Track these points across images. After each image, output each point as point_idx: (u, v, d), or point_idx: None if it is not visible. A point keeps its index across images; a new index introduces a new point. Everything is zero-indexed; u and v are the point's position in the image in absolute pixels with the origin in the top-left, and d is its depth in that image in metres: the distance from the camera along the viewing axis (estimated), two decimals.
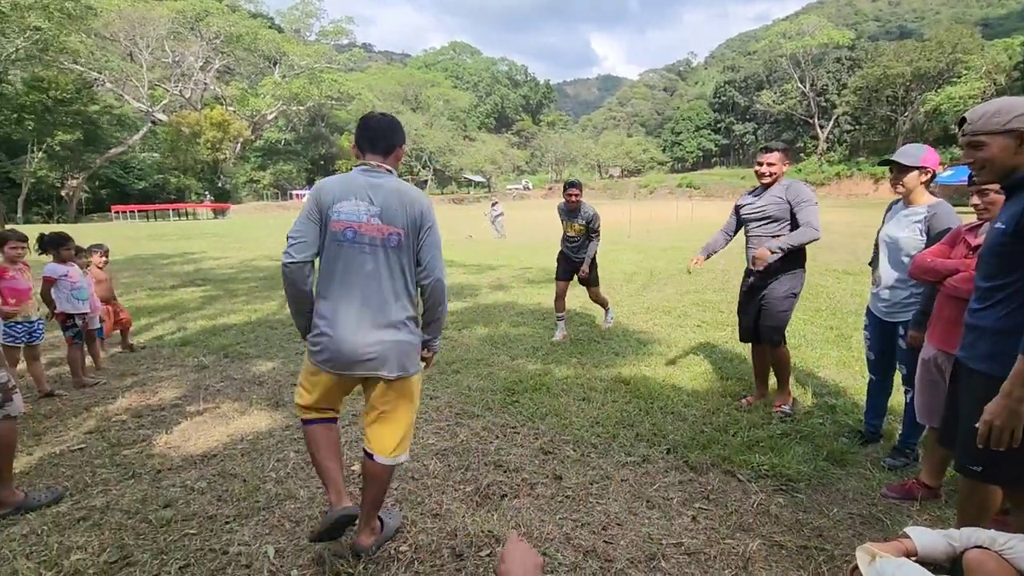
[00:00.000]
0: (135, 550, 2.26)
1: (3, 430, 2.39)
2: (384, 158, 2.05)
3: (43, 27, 34.91)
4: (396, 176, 2.07)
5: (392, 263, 1.99)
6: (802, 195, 3.37)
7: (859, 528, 2.41)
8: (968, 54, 47.40)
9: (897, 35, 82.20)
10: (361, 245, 1.95)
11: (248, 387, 4.24)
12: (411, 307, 2.06)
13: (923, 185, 2.79)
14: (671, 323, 6.16)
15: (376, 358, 1.98)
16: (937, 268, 2.38)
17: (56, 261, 4.25)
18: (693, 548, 2.26)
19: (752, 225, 3.57)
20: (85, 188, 44.30)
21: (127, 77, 49.26)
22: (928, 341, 2.48)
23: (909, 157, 2.78)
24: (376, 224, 1.95)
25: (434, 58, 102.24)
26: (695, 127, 76.89)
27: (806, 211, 3.33)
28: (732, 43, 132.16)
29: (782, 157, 3.46)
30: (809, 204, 3.34)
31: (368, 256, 1.95)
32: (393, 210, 1.96)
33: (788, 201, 3.37)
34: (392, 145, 2.07)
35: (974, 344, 1.79)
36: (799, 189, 3.41)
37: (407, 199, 1.99)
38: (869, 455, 3.05)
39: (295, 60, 58.66)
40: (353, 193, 1.96)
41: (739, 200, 3.75)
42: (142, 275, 10.73)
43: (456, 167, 70.98)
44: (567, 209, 5.34)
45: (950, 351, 2.26)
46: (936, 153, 2.83)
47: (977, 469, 1.76)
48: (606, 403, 3.79)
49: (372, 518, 2.19)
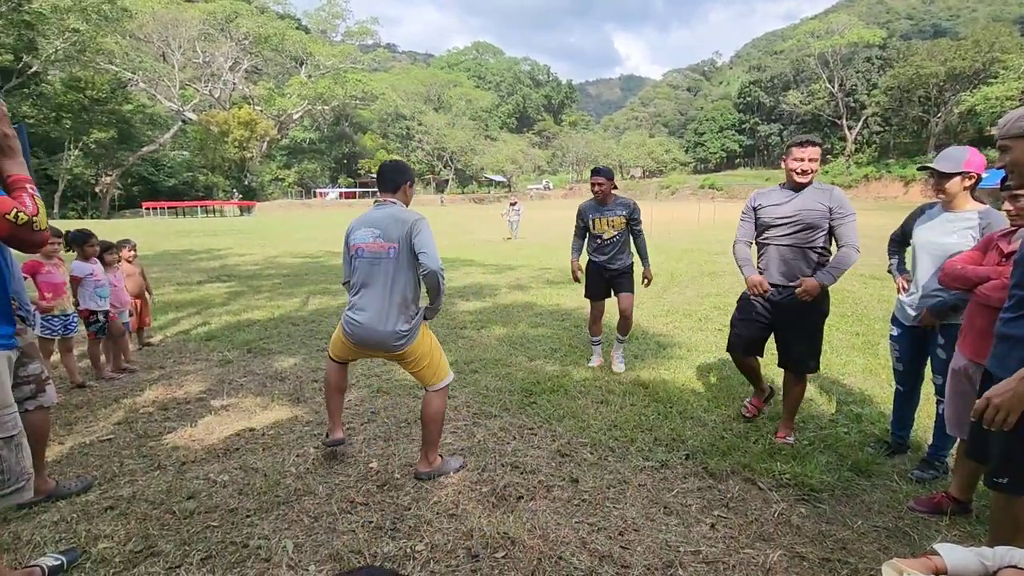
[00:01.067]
0: (159, 540, 2.31)
1: (37, 419, 2.47)
2: (392, 194, 2.73)
3: (81, 29, 36.06)
4: (401, 205, 2.72)
5: (392, 269, 2.60)
6: (846, 206, 2.93)
7: (884, 542, 2.34)
8: (1006, 53, 45.77)
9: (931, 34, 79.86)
10: (368, 259, 2.63)
11: (270, 382, 4.32)
12: (409, 300, 2.65)
13: (967, 190, 2.67)
14: (692, 326, 6.09)
15: (381, 341, 2.65)
16: (968, 275, 2.29)
17: (80, 258, 4.37)
18: (712, 557, 2.22)
19: (777, 232, 3.04)
20: (118, 185, 45.54)
21: (159, 77, 50.57)
22: (959, 351, 2.39)
23: (950, 162, 2.64)
24: (380, 243, 2.61)
25: (457, 58, 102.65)
26: (719, 128, 75.79)
27: (849, 226, 2.92)
28: (758, 42, 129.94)
29: (819, 153, 3.01)
30: (852, 218, 2.94)
31: (374, 267, 2.62)
32: (390, 230, 2.59)
33: (830, 209, 2.92)
34: (397, 184, 2.74)
35: (1006, 355, 1.73)
36: (842, 197, 2.97)
37: (399, 219, 2.61)
38: (896, 466, 2.97)
39: (321, 60, 59.52)
40: (364, 224, 2.68)
41: (756, 199, 3.18)
42: (170, 270, 11.00)
43: (477, 167, 71.20)
44: (594, 204, 4.42)
45: (981, 362, 2.18)
46: (979, 155, 2.65)
47: (1003, 481, 1.70)
48: (624, 406, 3.76)
49: (428, 451, 2.80)
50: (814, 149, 2.95)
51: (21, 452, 1.89)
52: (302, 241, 17.70)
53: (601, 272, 4.46)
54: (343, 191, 60.14)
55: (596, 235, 4.41)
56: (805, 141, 2.97)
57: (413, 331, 2.68)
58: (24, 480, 1.89)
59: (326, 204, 51.81)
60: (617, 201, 4.37)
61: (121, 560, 2.19)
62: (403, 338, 2.65)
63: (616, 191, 4.42)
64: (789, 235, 3.00)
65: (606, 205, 4.36)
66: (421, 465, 2.83)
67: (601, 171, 4.35)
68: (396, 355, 2.71)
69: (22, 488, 1.90)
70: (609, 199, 4.36)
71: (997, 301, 2.09)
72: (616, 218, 4.33)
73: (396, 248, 2.58)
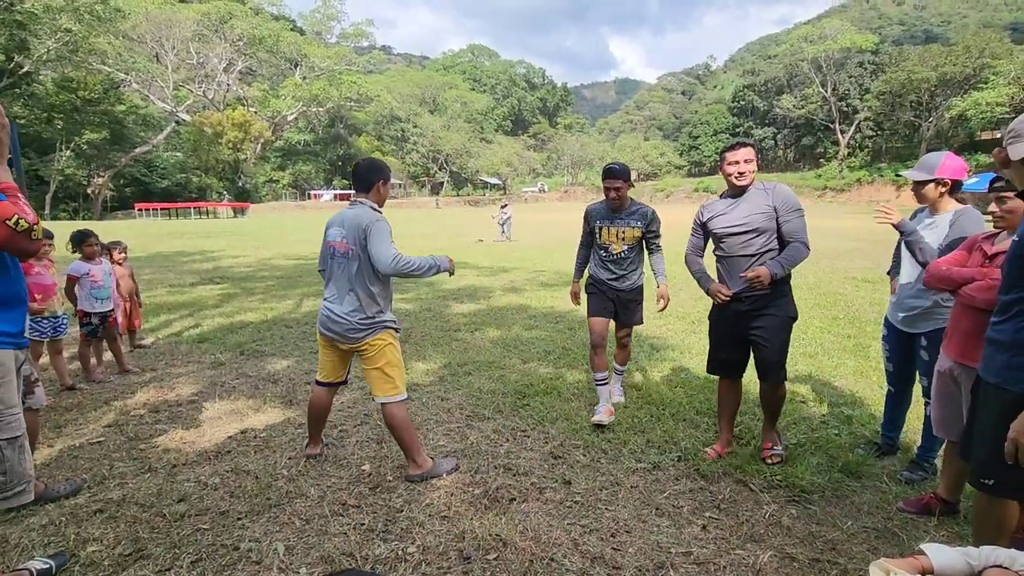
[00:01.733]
0: (149, 543, 2.30)
1: (26, 421, 2.44)
2: (366, 193, 2.78)
3: (73, 29, 35.91)
4: (370, 204, 2.75)
5: (354, 269, 2.70)
6: (790, 201, 2.82)
7: (874, 542, 2.36)
8: (996, 59, 46.23)
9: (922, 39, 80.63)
10: (336, 257, 2.76)
11: (263, 385, 4.30)
12: (371, 298, 2.72)
13: (943, 195, 2.72)
14: (685, 329, 6.11)
15: (343, 332, 2.75)
16: (952, 276, 2.31)
17: (81, 258, 4.37)
18: (703, 558, 2.23)
19: (729, 242, 2.90)
20: (110, 186, 45.27)
21: (153, 78, 50.40)
22: (944, 352, 2.41)
23: (923, 170, 2.72)
24: (344, 243, 2.71)
25: (452, 60, 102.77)
26: (713, 131, 76.11)
27: (795, 222, 2.80)
28: (752, 47, 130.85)
29: (753, 153, 2.87)
30: (799, 214, 2.82)
31: (340, 264, 2.75)
32: (351, 232, 2.68)
33: (775, 208, 2.80)
34: (371, 182, 2.78)
35: (992, 357, 1.75)
36: (786, 193, 2.84)
37: (359, 222, 2.67)
38: (885, 468, 2.99)
39: (316, 62, 59.48)
40: (337, 223, 2.79)
41: (703, 213, 3.04)
42: (162, 272, 10.94)
43: (472, 169, 71.20)
44: (604, 208, 3.62)
45: (967, 363, 2.22)
46: (957, 159, 2.71)
47: (989, 482, 1.72)
48: (617, 409, 3.77)
49: (413, 456, 2.84)
50: (747, 150, 2.84)
51: (24, 454, 1.88)
52: (296, 243, 17.64)
53: (606, 289, 3.66)
54: (338, 193, 59.94)
55: (602, 246, 3.63)
56: (736, 144, 2.88)
57: (374, 327, 2.75)
58: (25, 483, 1.88)
59: (320, 206, 51.64)
60: (633, 208, 3.60)
61: (110, 563, 2.17)
62: (362, 331, 2.72)
63: (631, 192, 3.64)
64: (741, 243, 2.86)
65: (619, 213, 3.59)
66: (411, 469, 2.85)
67: (616, 171, 3.50)
68: (357, 347, 2.78)
69: (23, 491, 1.88)
70: (625, 204, 3.59)
71: (982, 303, 2.11)
72: (629, 229, 3.55)
73: (354, 250, 2.68)
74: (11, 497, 1.85)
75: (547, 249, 15.21)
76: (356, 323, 2.73)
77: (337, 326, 2.76)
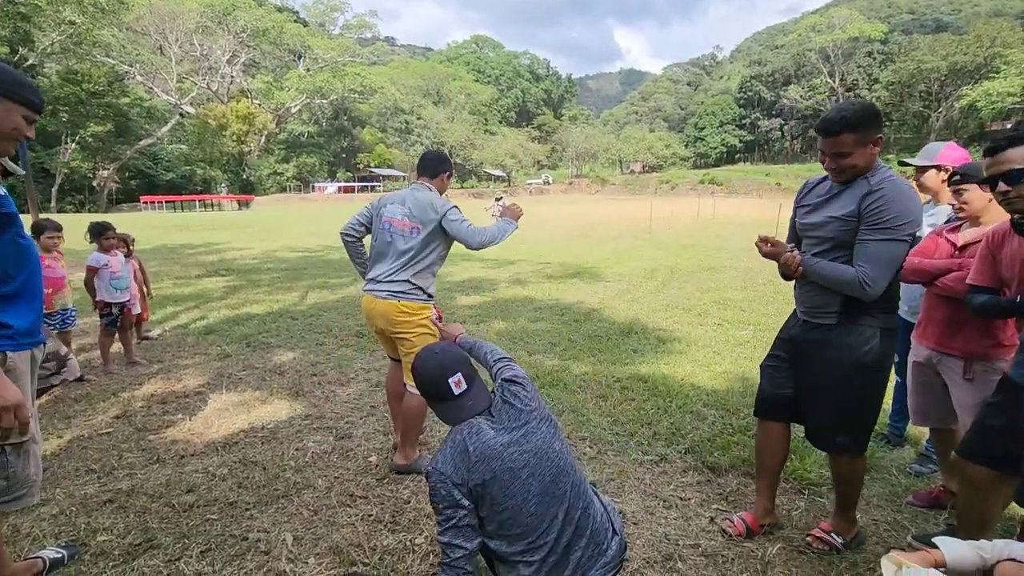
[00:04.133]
0: (158, 533, 2.31)
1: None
2: (431, 179, 2.89)
3: (77, 21, 35.83)
4: (435, 191, 2.85)
5: (407, 246, 2.72)
6: (887, 215, 1.86)
7: (883, 535, 2.35)
8: (1007, 48, 45.61)
9: (932, 28, 79.43)
10: (390, 231, 2.78)
11: (269, 376, 4.31)
12: (415, 274, 2.73)
13: (944, 184, 2.69)
14: (691, 321, 6.09)
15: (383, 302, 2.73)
16: (926, 268, 2.32)
17: (99, 250, 4.41)
18: (711, 550, 2.23)
19: (806, 243, 2.14)
20: (115, 178, 45.44)
21: (157, 70, 50.36)
22: (919, 342, 2.45)
23: (925, 156, 2.71)
24: (406, 221, 2.75)
25: (456, 52, 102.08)
26: (719, 122, 75.54)
27: (873, 246, 1.89)
28: (759, 37, 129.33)
29: (866, 139, 1.90)
30: (887, 235, 1.87)
31: (393, 240, 2.77)
32: (421, 213, 2.73)
33: (859, 217, 1.92)
34: (436, 172, 2.90)
35: None
36: (888, 203, 1.86)
37: (432, 205, 2.74)
38: (895, 460, 2.98)
39: (319, 54, 59.26)
40: (397, 201, 2.83)
41: (799, 195, 2.24)
42: (168, 264, 10.97)
43: (477, 161, 70.99)
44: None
45: (946, 350, 2.29)
46: (959, 149, 2.69)
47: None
48: (624, 401, 3.76)
49: (404, 445, 2.86)
50: (847, 136, 1.89)
51: (28, 459, 1.85)
52: (301, 235, 17.66)
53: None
54: (342, 185, 59.96)
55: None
56: (826, 128, 1.94)
57: (411, 296, 2.75)
58: (28, 487, 1.87)
59: (325, 198, 51.64)
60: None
61: (120, 553, 2.19)
62: (397, 296, 2.73)
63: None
64: (814, 250, 2.09)
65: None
66: (397, 457, 2.89)
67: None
68: (392, 317, 2.72)
69: (24, 495, 1.88)
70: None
71: (961, 292, 2.15)
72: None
73: (419, 229, 2.72)
74: (11, 502, 1.85)
75: (552, 241, 15.17)
76: (396, 291, 2.78)
77: (377, 291, 2.80)
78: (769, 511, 2.33)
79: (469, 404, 1.74)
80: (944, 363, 2.31)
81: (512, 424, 1.70)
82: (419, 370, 1.81)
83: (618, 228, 19.12)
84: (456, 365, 1.77)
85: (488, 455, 1.63)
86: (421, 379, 1.80)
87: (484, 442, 1.65)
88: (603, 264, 10.48)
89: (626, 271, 9.65)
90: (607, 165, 78.98)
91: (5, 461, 1.79)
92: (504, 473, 1.63)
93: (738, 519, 2.32)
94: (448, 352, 1.82)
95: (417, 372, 1.82)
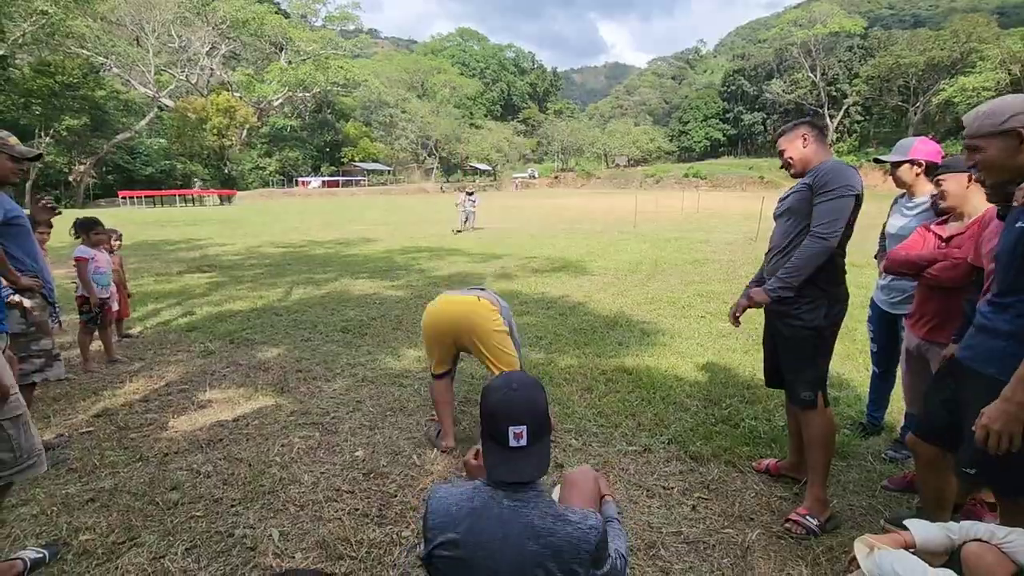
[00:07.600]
0: (142, 531, 2.30)
1: None
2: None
3: (49, 11, 34.79)
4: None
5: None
6: (827, 180, 2.21)
7: (859, 520, 2.42)
8: (983, 43, 46.47)
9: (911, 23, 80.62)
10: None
11: (253, 372, 4.28)
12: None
13: (919, 177, 2.76)
14: (675, 313, 6.15)
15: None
16: (913, 260, 2.44)
17: (86, 244, 4.35)
18: (692, 537, 2.28)
19: (774, 229, 2.51)
20: (92, 173, 44.34)
21: (133, 62, 49.09)
22: (912, 331, 2.60)
23: (897, 151, 2.79)
24: None
25: (441, 44, 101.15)
26: (703, 116, 76.03)
27: (820, 207, 2.21)
28: (742, 31, 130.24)
29: (794, 138, 2.39)
30: (829, 196, 2.20)
31: None
32: None
33: (811, 187, 2.28)
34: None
35: (983, 345, 1.74)
36: (827, 172, 2.23)
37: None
38: (870, 447, 3.06)
39: (301, 46, 58.30)
40: None
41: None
42: (148, 261, 10.79)
43: (462, 155, 70.61)
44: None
45: (936, 340, 2.40)
46: (931, 143, 2.77)
47: (971, 471, 1.73)
48: (608, 393, 3.81)
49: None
50: (784, 137, 2.45)
51: (28, 430, 1.97)
52: (284, 231, 17.45)
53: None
54: (326, 180, 59.23)
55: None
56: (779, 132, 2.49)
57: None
58: (36, 455, 1.99)
59: (309, 192, 51.04)
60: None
61: (103, 552, 2.17)
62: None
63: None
64: (777, 223, 2.47)
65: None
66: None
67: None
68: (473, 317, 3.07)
69: (35, 463, 1.99)
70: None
71: (948, 281, 2.29)
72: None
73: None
74: (25, 470, 1.96)
75: (537, 235, 15.18)
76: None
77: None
78: (795, 466, 2.70)
79: (519, 465, 1.37)
80: (931, 351, 2.46)
81: (530, 522, 1.32)
82: (487, 397, 1.46)
83: (603, 222, 19.19)
84: (525, 416, 1.39)
85: (469, 542, 1.33)
86: (484, 408, 1.46)
87: (483, 529, 1.33)
88: (588, 258, 10.52)
89: (611, 265, 9.70)
90: (593, 159, 79.14)
91: (6, 435, 1.90)
92: (468, 560, 1.33)
93: (767, 464, 2.81)
94: (528, 388, 1.45)
95: (486, 398, 1.47)
